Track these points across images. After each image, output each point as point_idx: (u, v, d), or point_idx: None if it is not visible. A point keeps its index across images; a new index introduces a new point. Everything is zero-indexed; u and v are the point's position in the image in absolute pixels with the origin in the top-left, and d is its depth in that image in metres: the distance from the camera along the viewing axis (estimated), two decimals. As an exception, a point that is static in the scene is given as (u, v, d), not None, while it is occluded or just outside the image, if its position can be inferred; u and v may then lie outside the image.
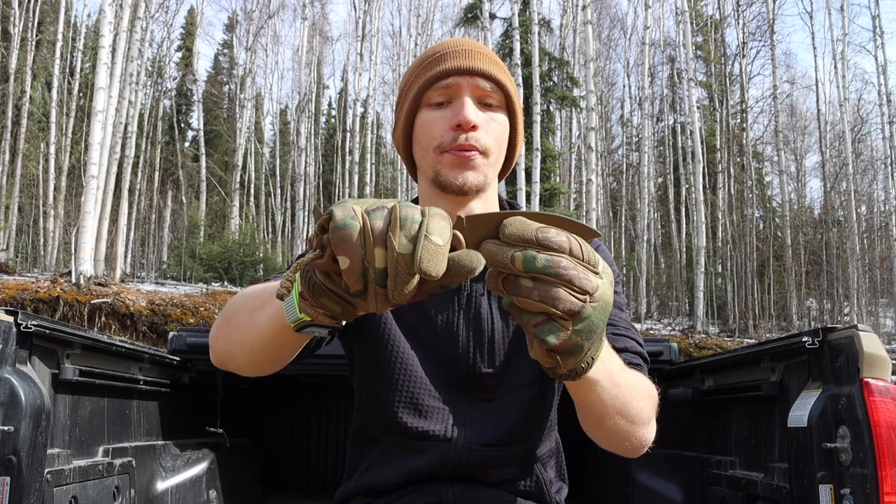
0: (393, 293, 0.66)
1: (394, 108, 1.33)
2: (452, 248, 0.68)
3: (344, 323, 0.80)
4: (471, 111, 1.14)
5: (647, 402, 1.05)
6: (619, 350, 1.13)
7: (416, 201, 1.30)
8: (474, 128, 1.14)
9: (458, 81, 1.16)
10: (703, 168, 17.38)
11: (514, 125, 1.22)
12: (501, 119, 1.19)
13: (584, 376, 0.81)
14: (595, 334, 0.71)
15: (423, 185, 1.24)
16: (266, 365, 1.03)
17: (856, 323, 1.39)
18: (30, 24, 19.73)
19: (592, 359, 0.78)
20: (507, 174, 1.29)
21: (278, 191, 25.24)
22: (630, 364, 1.12)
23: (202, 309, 10.87)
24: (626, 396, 0.98)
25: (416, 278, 0.66)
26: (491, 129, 1.17)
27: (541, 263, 0.66)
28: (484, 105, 1.18)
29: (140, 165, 22.22)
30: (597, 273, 0.69)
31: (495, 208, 1.27)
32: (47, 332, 1.40)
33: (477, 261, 0.68)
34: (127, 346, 1.82)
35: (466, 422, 1.17)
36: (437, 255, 0.65)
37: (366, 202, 0.69)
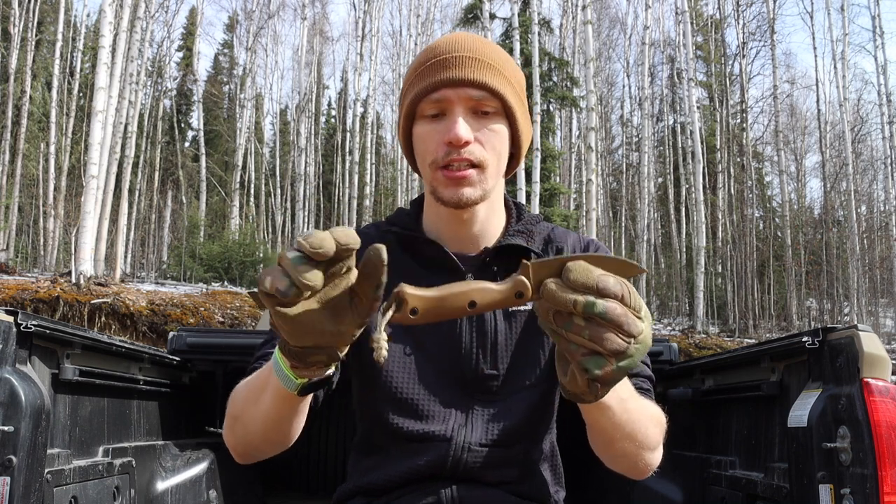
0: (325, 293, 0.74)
1: (393, 107, 1.35)
2: (519, 295, 0.76)
3: (333, 368, 0.91)
4: (461, 128, 1.11)
5: (655, 428, 1.08)
6: (632, 375, 1.16)
7: (420, 198, 1.31)
8: (466, 144, 1.12)
9: (448, 95, 1.13)
10: (703, 168, 17.39)
11: (515, 128, 1.19)
12: (498, 127, 1.16)
13: (598, 401, 0.87)
14: (630, 371, 0.77)
15: (427, 193, 1.25)
16: (287, 438, 1.08)
17: (856, 323, 1.39)
18: (30, 24, 19.73)
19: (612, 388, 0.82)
20: (513, 173, 1.28)
21: (278, 191, 25.24)
22: (640, 389, 1.15)
23: (202, 309, 10.87)
24: (634, 422, 1.02)
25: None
26: (486, 140, 1.14)
27: (599, 309, 0.73)
28: (479, 114, 1.15)
29: (140, 165, 22.22)
30: (640, 318, 0.75)
31: (501, 211, 1.27)
32: (47, 332, 1.40)
33: (376, 254, 0.75)
34: (127, 346, 1.82)
35: (467, 422, 1.17)
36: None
37: None
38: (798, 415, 1.39)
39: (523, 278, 0.76)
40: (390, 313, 0.75)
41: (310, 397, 1.03)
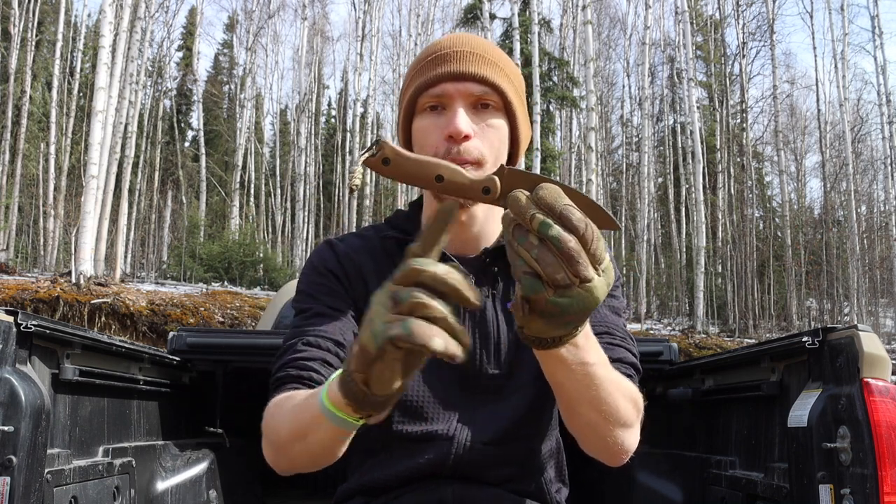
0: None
1: (393, 107, 1.34)
2: (486, 191, 0.76)
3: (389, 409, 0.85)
4: (462, 121, 1.11)
5: (625, 403, 1.01)
6: (612, 360, 1.10)
7: (420, 199, 1.30)
8: (466, 138, 1.11)
9: (448, 89, 1.13)
10: (703, 168, 17.38)
11: (515, 125, 1.19)
12: (498, 123, 1.16)
13: (552, 351, 0.84)
14: (569, 317, 0.74)
15: (425, 193, 1.24)
16: (335, 458, 1.03)
17: (856, 323, 1.39)
18: (30, 24, 19.73)
19: (562, 337, 0.80)
20: None
21: (278, 191, 25.24)
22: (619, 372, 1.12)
23: (202, 309, 10.87)
24: (599, 389, 0.96)
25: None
26: (486, 136, 1.14)
27: (552, 233, 0.71)
28: (480, 108, 1.14)
29: (140, 165, 22.21)
30: (597, 268, 0.73)
31: (500, 211, 1.26)
32: (47, 332, 1.40)
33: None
34: (127, 346, 1.82)
35: (469, 421, 1.17)
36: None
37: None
38: (798, 415, 1.39)
39: (496, 178, 0.76)
40: (367, 154, 0.76)
41: None
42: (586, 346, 0.90)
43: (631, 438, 1.04)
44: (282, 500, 2.76)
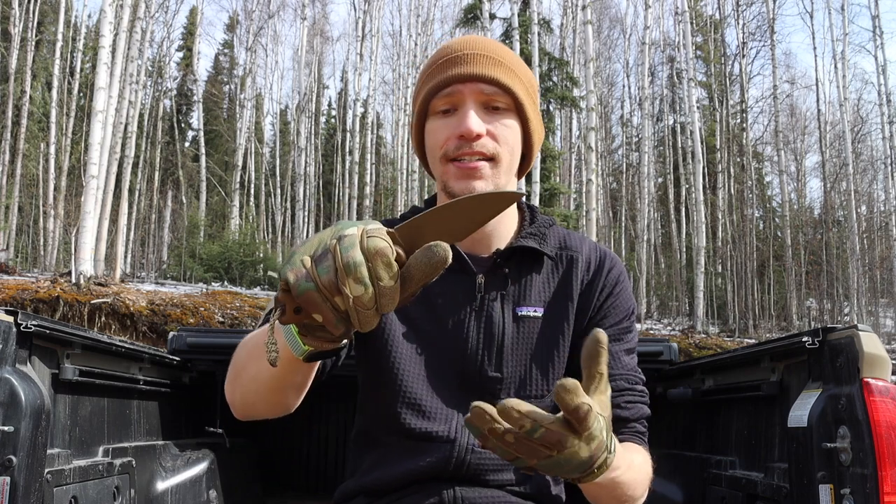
0: (362, 323, 0.75)
1: (393, 107, 1.36)
2: (408, 253, 0.76)
3: (345, 342, 0.87)
4: (473, 121, 1.12)
5: (642, 485, 1.08)
6: (633, 420, 1.16)
7: (433, 199, 1.30)
8: (478, 137, 1.13)
9: (461, 89, 1.14)
10: (703, 168, 17.37)
11: (527, 126, 1.19)
12: (510, 123, 1.17)
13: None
14: (568, 469, 0.82)
15: (438, 190, 1.25)
16: (288, 401, 1.06)
17: (856, 323, 1.39)
18: (30, 24, 19.72)
19: (597, 471, 0.85)
20: (526, 173, 1.27)
21: (278, 191, 25.24)
22: (637, 433, 1.16)
23: (202, 309, 10.86)
24: (624, 488, 1.02)
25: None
26: (499, 135, 1.15)
27: (536, 436, 0.80)
28: (491, 109, 1.15)
29: (140, 165, 22.20)
30: (579, 438, 0.80)
31: (513, 212, 1.27)
32: (47, 332, 1.40)
33: (440, 253, 0.75)
34: (127, 346, 1.82)
35: (470, 423, 1.17)
36: (391, 295, 0.74)
37: (311, 247, 0.76)
38: (798, 415, 1.39)
39: (398, 250, 0.76)
40: (279, 315, 0.79)
41: (315, 365, 1.00)
42: (614, 462, 0.94)
43: (643, 498, 1.11)
44: (281, 500, 2.76)
